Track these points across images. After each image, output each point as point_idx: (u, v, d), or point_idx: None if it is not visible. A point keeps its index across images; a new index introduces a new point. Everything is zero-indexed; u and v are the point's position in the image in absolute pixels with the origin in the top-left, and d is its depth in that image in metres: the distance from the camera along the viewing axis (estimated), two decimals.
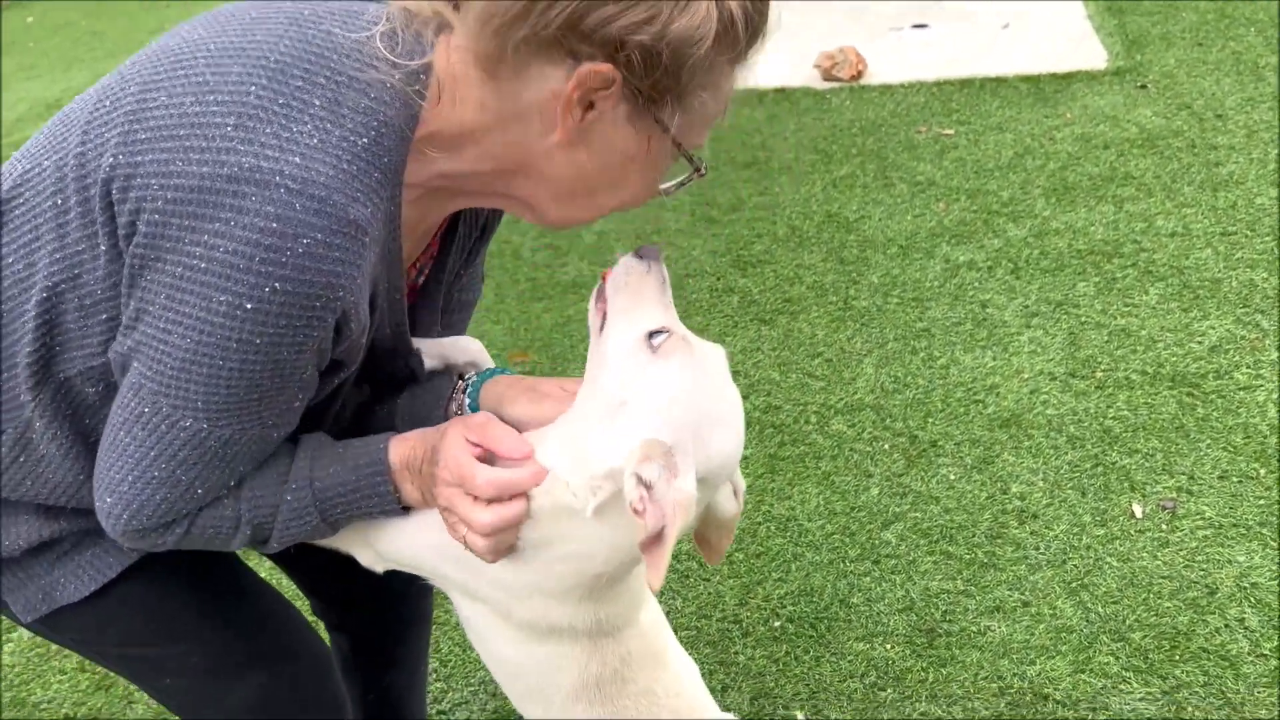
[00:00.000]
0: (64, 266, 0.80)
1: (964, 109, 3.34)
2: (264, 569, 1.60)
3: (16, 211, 0.83)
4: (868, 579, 1.85)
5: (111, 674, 1.86)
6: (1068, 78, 3.34)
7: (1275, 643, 1.64)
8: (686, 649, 1.13)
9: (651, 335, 0.84)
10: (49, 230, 0.81)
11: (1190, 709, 1.58)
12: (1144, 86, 3.19)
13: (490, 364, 1.07)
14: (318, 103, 0.76)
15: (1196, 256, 2.47)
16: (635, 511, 0.76)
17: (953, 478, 2.03)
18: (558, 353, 2.57)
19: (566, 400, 0.92)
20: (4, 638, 1.99)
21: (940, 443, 2.10)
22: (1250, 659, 1.64)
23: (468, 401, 0.99)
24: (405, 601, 1.31)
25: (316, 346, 0.78)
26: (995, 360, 2.29)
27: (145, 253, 0.75)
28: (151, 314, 0.76)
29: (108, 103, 0.79)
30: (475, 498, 0.84)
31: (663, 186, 0.88)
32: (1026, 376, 2.23)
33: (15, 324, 0.83)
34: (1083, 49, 3.48)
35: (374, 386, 1.02)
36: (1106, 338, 2.30)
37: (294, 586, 1.38)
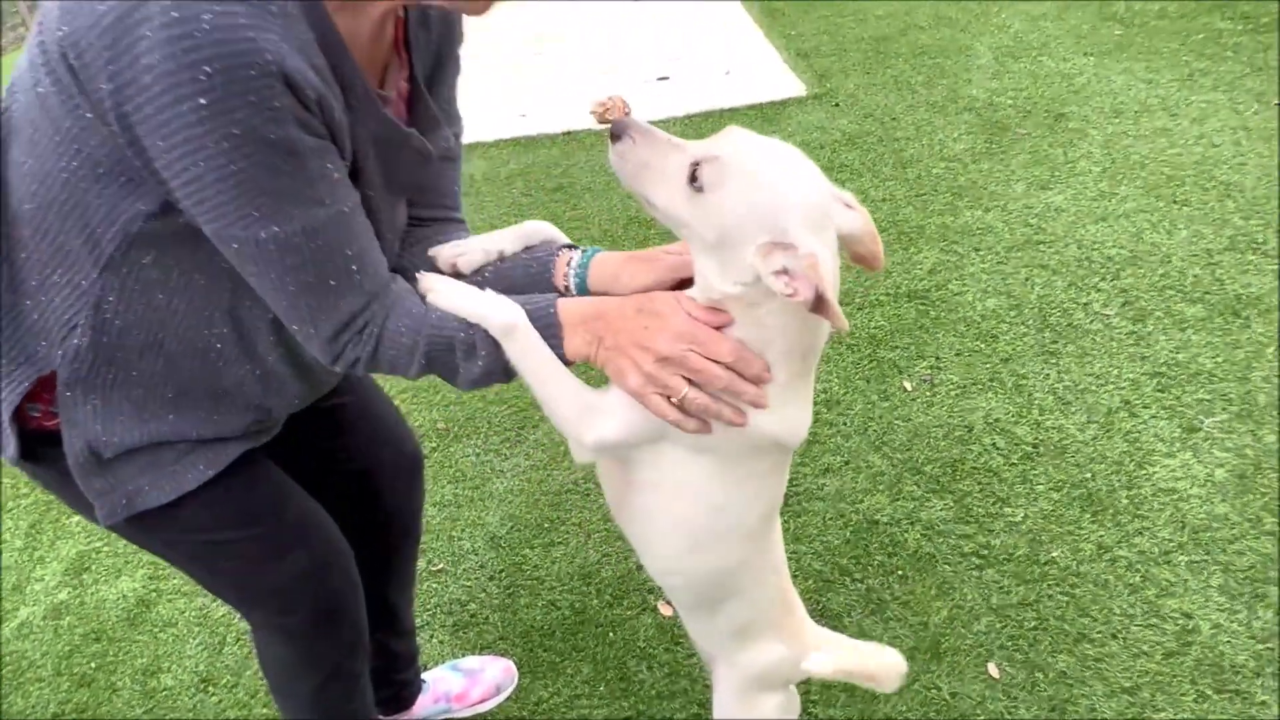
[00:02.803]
0: (66, 146, 0.78)
1: (713, 134, 3.79)
2: None
3: (14, 114, 0.83)
4: None
5: (91, 667, 1.79)
6: (782, 104, 3.89)
7: (1019, 454, 2.06)
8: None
9: (691, 179, 0.84)
10: (41, 119, 0.79)
11: (975, 508, 1.94)
12: (838, 105, 3.80)
13: (566, 240, 1.04)
14: None
15: (903, 213, 3.00)
16: (790, 296, 0.80)
17: None
18: None
19: (677, 258, 0.94)
20: None
21: None
22: (1005, 468, 2.04)
23: (575, 283, 0.97)
24: (398, 521, 1.36)
25: (292, 115, 0.75)
26: None
27: (119, 104, 0.73)
28: (164, 162, 0.74)
29: None
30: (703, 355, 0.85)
31: None
32: None
33: (51, 216, 0.83)
34: (786, 83, 4.07)
35: (411, 205, 1.02)
36: (856, 275, 2.72)
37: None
